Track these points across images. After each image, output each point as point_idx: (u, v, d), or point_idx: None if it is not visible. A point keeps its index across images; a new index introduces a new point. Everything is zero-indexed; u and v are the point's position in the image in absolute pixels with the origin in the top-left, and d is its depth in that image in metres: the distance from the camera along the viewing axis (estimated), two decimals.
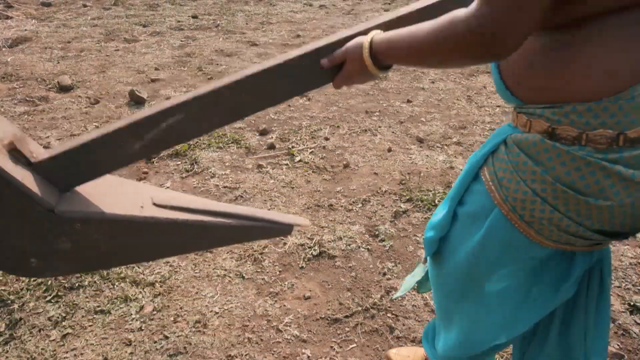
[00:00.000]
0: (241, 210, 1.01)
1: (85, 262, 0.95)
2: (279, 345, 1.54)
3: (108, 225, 0.90)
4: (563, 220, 0.81)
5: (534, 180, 0.81)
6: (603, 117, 0.73)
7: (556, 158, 0.78)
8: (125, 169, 2.57)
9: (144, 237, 0.96)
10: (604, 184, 0.75)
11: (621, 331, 1.61)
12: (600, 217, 0.79)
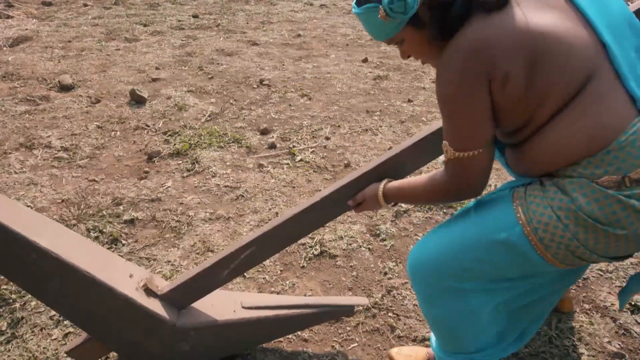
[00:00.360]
0: (311, 300, 1.45)
1: (198, 356, 1.35)
2: (281, 345, 1.54)
3: (212, 329, 1.31)
4: (579, 249, 0.94)
5: (560, 208, 0.94)
6: (603, 166, 0.90)
7: (579, 189, 0.92)
8: (128, 168, 2.57)
9: (240, 334, 1.37)
10: (620, 215, 0.89)
11: (622, 331, 1.61)
12: (615, 245, 0.92)
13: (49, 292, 1.17)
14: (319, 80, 3.89)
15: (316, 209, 1.24)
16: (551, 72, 0.90)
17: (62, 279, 1.13)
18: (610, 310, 1.69)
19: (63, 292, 1.16)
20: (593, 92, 0.90)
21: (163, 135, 2.92)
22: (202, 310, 1.35)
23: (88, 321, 1.24)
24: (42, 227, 1.14)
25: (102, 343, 1.31)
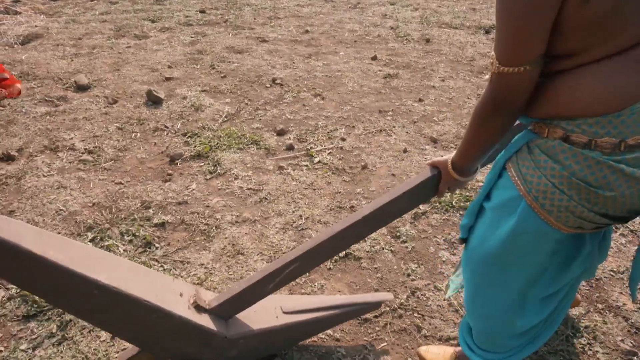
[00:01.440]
0: (342, 299, 1.59)
1: (244, 359, 1.48)
2: (315, 344, 1.64)
3: (258, 336, 1.42)
4: (577, 208, 1.00)
5: (553, 176, 1.00)
6: (608, 128, 0.93)
7: (572, 157, 0.98)
8: (151, 171, 2.65)
9: (282, 337, 1.51)
10: (610, 179, 0.95)
11: (634, 329, 1.72)
12: (605, 204, 0.99)
13: (109, 321, 1.25)
14: (330, 79, 3.96)
15: (358, 225, 1.32)
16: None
17: (122, 309, 1.22)
18: (623, 310, 1.80)
19: (123, 320, 1.25)
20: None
21: (183, 137, 3.00)
22: (247, 318, 1.44)
23: (145, 340, 1.33)
24: (96, 262, 1.22)
25: (156, 357, 1.40)
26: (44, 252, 1.09)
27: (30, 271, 1.10)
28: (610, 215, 1.01)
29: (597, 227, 1.05)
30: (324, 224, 2.25)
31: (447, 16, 5.88)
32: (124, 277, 1.24)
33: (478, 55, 4.55)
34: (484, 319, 1.27)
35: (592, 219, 1.02)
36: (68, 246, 1.20)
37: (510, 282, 1.18)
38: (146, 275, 1.35)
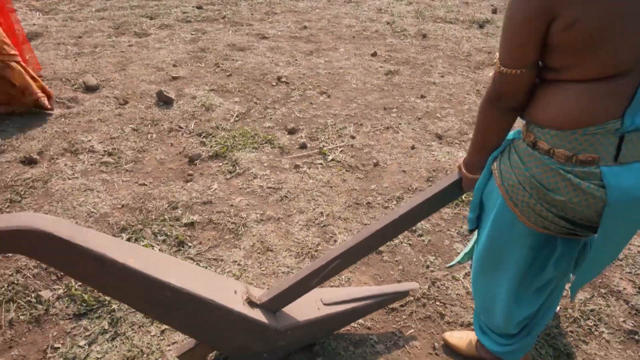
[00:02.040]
0: (374, 290, 1.74)
1: (290, 348, 1.64)
2: (349, 333, 1.80)
3: (303, 327, 1.58)
4: (537, 206, 1.16)
5: (519, 174, 1.18)
6: (565, 142, 1.08)
7: (533, 161, 1.14)
8: (172, 171, 2.76)
9: (323, 327, 1.66)
10: (560, 185, 1.11)
11: (634, 311, 1.91)
12: (562, 208, 1.12)
13: (176, 318, 1.39)
14: (333, 77, 4.08)
15: (394, 225, 1.47)
16: (618, 44, 0.96)
17: (190, 308, 1.35)
18: (623, 294, 1.98)
19: (189, 316, 1.38)
20: (619, 83, 1.00)
21: (198, 137, 3.10)
22: (293, 311, 1.58)
23: (205, 334, 1.46)
24: (164, 265, 1.35)
25: (213, 348, 1.54)
26: (126, 261, 1.22)
27: (113, 277, 1.23)
28: (570, 220, 1.14)
29: (568, 232, 1.18)
30: (344, 220, 2.39)
31: (441, 10, 6.02)
32: (189, 278, 1.37)
33: (474, 50, 4.70)
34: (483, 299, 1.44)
35: (552, 220, 1.15)
36: (139, 252, 1.32)
37: (504, 269, 1.34)
38: (204, 274, 1.48)
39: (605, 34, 0.96)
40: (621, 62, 0.99)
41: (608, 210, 1.06)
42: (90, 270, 1.20)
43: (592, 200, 1.07)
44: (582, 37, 0.98)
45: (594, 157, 1.05)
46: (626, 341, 1.79)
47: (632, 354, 1.74)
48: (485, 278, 1.40)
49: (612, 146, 1.04)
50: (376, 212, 2.46)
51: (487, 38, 5.07)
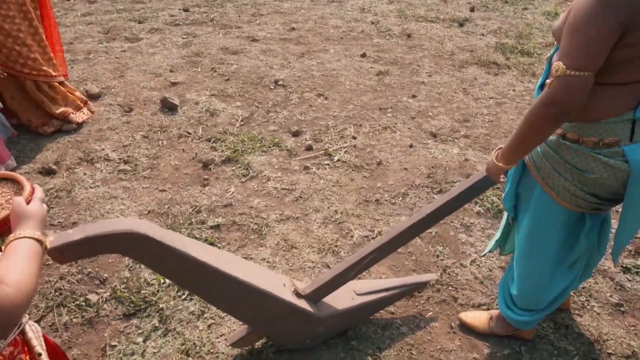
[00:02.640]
0: (399, 282, 1.98)
1: (328, 334, 1.85)
2: (376, 318, 2.02)
3: (341, 315, 1.80)
4: (571, 187, 1.43)
5: (553, 162, 1.44)
6: (591, 131, 1.36)
7: (566, 149, 1.42)
8: (188, 177, 2.92)
9: (356, 314, 1.89)
10: (592, 165, 1.38)
11: (619, 287, 2.20)
12: (592, 185, 1.41)
13: (237, 307, 1.59)
14: (327, 79, 4.27)
15: (423, 222, 1.70)
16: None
17: (251, 298, 1.55)
18: (608, 272, 2.27)
19: (248, 306, 1.58)
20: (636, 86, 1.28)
21: (208, 142, 3.25)
22: (331, 301, 1.80)
23: (259, 321, 1.66)
24: (233, 262, 1.55)
25: (263, 334, 1.74)
26: (202, 258, 1.41)
27: (191, 273, 1.42)
28: (599, 195, 1.43)
29: (594, 208, 1.47)
30: (357, 216, 2.61)
31: (421, 9, 6.27)
32: (250, 273, 1.57)
33: (457, 49, 4.97)
34: (532, 282, 1.67)
35: (583, 197, 1.43)
36: (211, 251, 1.51)
37: (547, 250, 1.59)
38: (259, 269, 1.68)
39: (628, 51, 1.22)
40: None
41: (632, 179, 1.36)
42: (174, 267, 1.39)
43: (619, 173, 1.36)
44: (635, 55, 1.22)
45: (616, 139, 1.34)
46: (613, 313, 2.08)
47: (619, 323, 2.03)
48: (529, 260, 1.64)
49: (627, 130, 1.33)
50: (385, 208, 2.69)
51: (467, 37, 5.34)
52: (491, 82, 4.29)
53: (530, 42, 5.12)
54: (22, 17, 2.94)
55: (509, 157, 1.46)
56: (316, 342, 1.85)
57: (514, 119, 3.68)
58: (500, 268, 2.30)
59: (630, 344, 1.93)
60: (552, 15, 6.03)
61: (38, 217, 0.91)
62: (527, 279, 1.68)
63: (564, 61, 1.23)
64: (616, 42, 1.21)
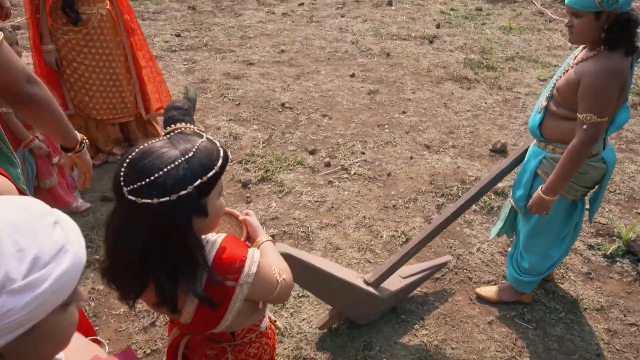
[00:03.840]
0: (426, 265, 2.63)
1: (384, 309, 2.48)
2: (412, 296, 2.68)
3: (394, 296, 2.43)
4: (573, 185, 2.16)
5: None
6: None
7: None
8: (233, 196, 3.47)
9: (403, 293, 2.53)
10: (587, 169, 2.11)
11: (587, 260, 2.96)
12: (585, 181, 2.14)
13: (333, 296, 2.21)
14: (326, 99, 4.90)
15: (448, 219, 2.37)
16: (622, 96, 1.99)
17: (344, 290, 2.18)
18: (579, 250, 3.04)
19: (340, 295, 2.22)
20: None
21: (239, 164, 3.81)
22: (387, 284, 2.43)
23: (343, 305, 2.29)
24: (332, 266, 2.18)
25: (343, 315, 2.36)
26: (322, 265, 2.04)
27: (313, 278, 2.04)
28: (587, 186, 2.20)
29: (583, 194, 2.24)
30: (382, 220, 3.26)
31: (393, 27, 7.01)
32: (343, 272, 2.19)
33: (432, 66, 5.73)
34: (538, 254, 2.38)
35: (577, 189, 2.19)
36: (319, 260, 2.13)
37: (552, 229, 2.31)
38: (339, 267, 2.31)
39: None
40: (616, 110, 2.02)
41: (607, 172, 2.14)
42: (304, 274, 2.00)
43: (601, 170, 2.14)
44: (615, 104, 1.96)
45: (598, 151, 2.09)
46: (585, 279, 2.84)
47: (589, 286, 2.78)
48: (538, 238, 2.35)
49: (602, 143, 2.09)
50: (401, 211, 3.36)
51: (438, 53, 6.12)
52: (465, 96, 5.06)
53: (492, 57, 5.95)
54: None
55: (558, 189, 2.09)
56: (377, 318, 2.49)
57: (489, 129, 4.45)
58: (499, 253, 3.01)
59: (598, 300, 2.68)
60: (507, 30, 6.91)
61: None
62: (536, 253, 2.39)
63: (595, 113, 1.91)
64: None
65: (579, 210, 2.33)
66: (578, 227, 2.44)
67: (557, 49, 6.28)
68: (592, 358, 2.37)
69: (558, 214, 2.27)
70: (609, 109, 1.93)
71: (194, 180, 1.06)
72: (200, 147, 1.11)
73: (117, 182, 1.08)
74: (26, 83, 1.50)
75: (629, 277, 2.84)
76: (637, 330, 2.52)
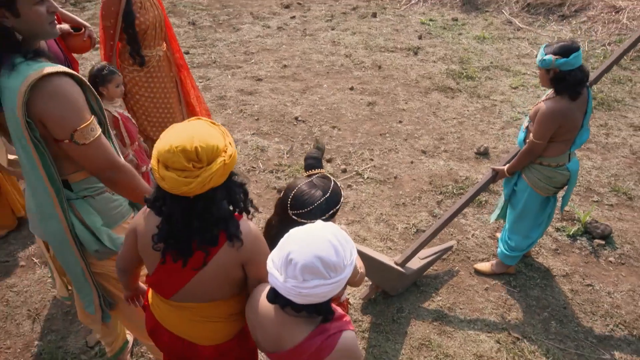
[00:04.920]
0: (437, 248, 3.59)
1: (409, 285, 3.43)
2: (428, 274, 3.58)
3: (416, 272, 3.38)
4: (546, 186, 3.13)
5: (535, 175, 3.11)
6: (554, 160, 3.06)
7: (543, 169, 3.12)
8: (271, 201, 4.28)
9: (420, 272, 3.47)
10: (555, 174, 3.09)
11: (554, 239, 3.93)
12: (554, 183, 3.12)
13: (376, 274, 3.09)
14: (332, 112, 5.75)
15: (453, 214, 3.27)
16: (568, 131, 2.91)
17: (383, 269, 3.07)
18: (548, 232, 4.00)
19: (381, 274, 3.09)
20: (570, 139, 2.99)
21: (271, 174, 4.62)
22: (410, 264, 3.32)
23: (381, 281, 3.17)
24: (374, 252, 3.05)
25: (380, 288, 3.24)
26: (366, 251, 2.91)
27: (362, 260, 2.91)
28: (556, 187, 3.13)
29: (554, 192, 3.18)
30: (395, 215, 4.15)
31: (380, 39, 7.88)
32: (380, 256, 3.07)
33: (419, 77, 6.64)
34: (521, 235, 3.32)
35: (549, 189, 3.12)
36: (362, 247, 2.99)
37: (531, 217, 3.25)
38: (378, 252, 3.18)
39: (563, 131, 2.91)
40: (573, 135, 2.94)
41: (571, 178, 3.08)
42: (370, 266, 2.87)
43: (565, 177, 3.06)
44: (562, 132, 2.89)
45: (564, 162, 3.01)
46: (554, 254, 3.80)
47: (557, 259, 3.75)
48: (521, 222, 3.28)
49: (567, 158, 3.01)
50: (410, 208, 4.25)
51: (423, 64, 7.03)
52: (450, 105, 5.99)
53: (470, 67, 6.90)
54: None
55: (513, 171, 3.13)
56: (404, 289, 3.38)
57: (473, 134, 5.39)
58: (490, 237, 3.94)
59: (564, 269, 3.65)
60: (481, 39, 7.88)
61: None
62: (519, 234, 3.33)
63: (534, 136, 2.91)
64: (555, 130, 2.89)
65: (551, 204, 3.27)
66: (551, 216, 3.38)
67: (525, 57, 7.28)
68: (560, 310, 3.33)
69: (535, 205, 3.20)
70: (544, 136, 2.89)
71: (328, 210, 1.90)
72: (332, 189, 1.94)
73: (284, 206, 1.91)
74: (108, 171, 1.90)
75: (586, 251, 3.82)
76: (592, 289, 3.49)
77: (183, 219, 1.61)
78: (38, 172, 1.84)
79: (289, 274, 1.41)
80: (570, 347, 3.08)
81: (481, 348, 3.05)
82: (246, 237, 1.69)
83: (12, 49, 1.72)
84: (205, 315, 1.86)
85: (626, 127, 5.49)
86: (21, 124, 1.73)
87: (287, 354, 1.58)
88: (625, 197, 4.40)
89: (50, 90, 1.73)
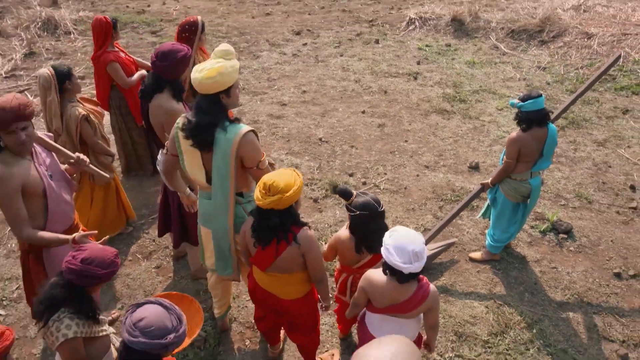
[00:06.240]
0: (442, 243, 5.10)
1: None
2: (436, 262, 4.91)
3: (431, 256, 4.81)
4: (515, 195, 4.56)
5: (508, 186, 4.54)
6: (519, 176, 4.49)
7: (512, 182, 4.54)
8: (308, 209, 5.61)
9: (430, 260, 4.91)
10: (520, 186, 4.50)
11: (529, 234, 5.29)
12: (520, 193, 4.53)
13: None
14: (349, 133, 7.08)
15: (452, 216, 4.63)
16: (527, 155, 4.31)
17: None
18: (525, 229, 5.36)
19: None
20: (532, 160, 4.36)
21: (306, 186, 5.93)
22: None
23: None
24: None
25: None
26: None
27: None
28: (523, 196, 4.53)
29: (522, 201, 4.56)
30: (407, 218, 5.48)
31: (383, 65, 9.26)
32: None
33: (420, 100, 8.01)
34: (500, 229, 4.69)
35: (517, 197, 4.51)
36: None
37: (507, 216, 4.63)
38: None
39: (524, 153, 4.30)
40: (532, 158, 4.33)
41: (533, 191, 4.48)
42: None
43: (527, 189, 4.46)
44: (522, 154, 4.27)
45: (527, 178, 4.41)
46: (528, 245, 5.16)
47: (531, 248, 5.11)
48: (500, 220, 4.64)
49: (529, 174, 4.40)
50: (418, 212, 5.59)
51: (423, 88, 8.41)
52: (447, 125, 7.36)
53: (462, 91, 8.29)
54: None
55: (494, 183, 4.51)
56: None
57: (466, 151, 6.75)
58: (480, 233, 5.29)
59: (536, 256, 5.01)
60: (472, 64, 9.28)
61: None
62: (499, 229, 4.70)
63: (506, 155, 4.33)
64: (517, 152, 4.27)
65: (521, 208, 4.63)
66: (524, 217, 4.74)
67: (509, 81, 8.70)
68: (532, 285, 4.69)
69: (509, 208, 4.57)
70: (512, 157, 4.24)
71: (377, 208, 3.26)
72: (372, 198, 3.29)
73: (348, 208, 3.25)
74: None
75: (552, 243, 5.20)
76: (556, 270, 4.86)
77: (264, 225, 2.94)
78: (227, 188, 3.16)
79: None
80: (538, 310, 4.43)
81: (474, 311, 4.39)
82: (303, 239, 2.95)
83: (225, 117, 3.09)
84: (285, 280, 3.16)
85: (591, 143, 6.90)
86: (231, 159, 3.06)
87: (402, 304, 2.85)
88: (586, 201, 5.79)
89: (248, 140, 3.08)
